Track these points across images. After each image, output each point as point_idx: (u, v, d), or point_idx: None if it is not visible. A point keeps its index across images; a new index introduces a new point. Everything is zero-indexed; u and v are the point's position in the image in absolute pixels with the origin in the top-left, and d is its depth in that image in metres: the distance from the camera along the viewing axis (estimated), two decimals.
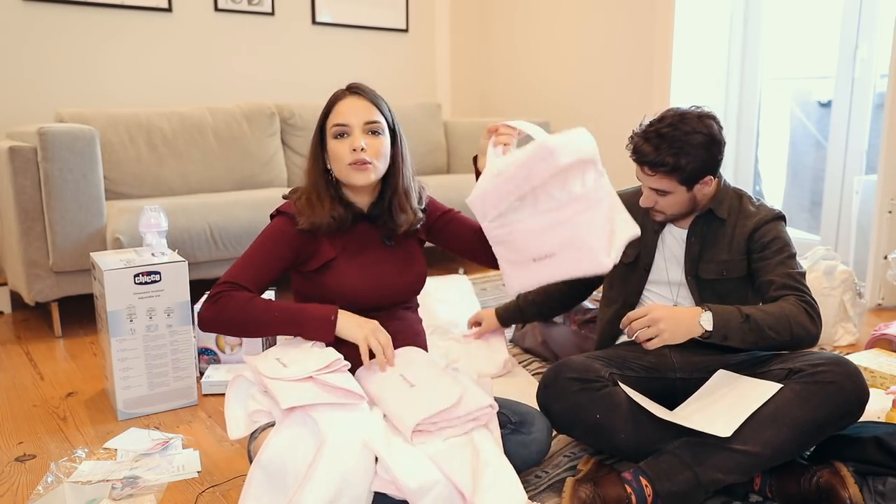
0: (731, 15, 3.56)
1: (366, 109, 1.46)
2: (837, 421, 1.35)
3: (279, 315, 1.41)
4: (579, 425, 1.46)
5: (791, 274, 1.52)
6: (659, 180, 1.53)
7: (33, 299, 2.45)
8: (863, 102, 3.14)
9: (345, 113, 1.46)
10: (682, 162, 1.49)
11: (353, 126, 1.45)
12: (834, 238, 3.29)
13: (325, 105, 1.50)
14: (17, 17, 3.03)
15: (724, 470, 1.32)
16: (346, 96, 1.48)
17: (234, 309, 1.39)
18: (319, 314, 1.42)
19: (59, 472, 1.54)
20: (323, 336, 1.42)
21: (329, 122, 1.48)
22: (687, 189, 1.54)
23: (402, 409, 1.31)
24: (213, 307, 1.41)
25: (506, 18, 4.39)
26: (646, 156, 1.52)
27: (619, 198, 1.40)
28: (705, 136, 1.50)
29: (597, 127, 3.97)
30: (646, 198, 1.59)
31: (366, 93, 1.49)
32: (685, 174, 1.50)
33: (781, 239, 1.56)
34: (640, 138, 1.54)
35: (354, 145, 1.43)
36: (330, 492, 1.17)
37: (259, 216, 2.72)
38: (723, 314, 1.44)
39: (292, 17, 3.80)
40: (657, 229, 1.65)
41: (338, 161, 1.46)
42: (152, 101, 3.38)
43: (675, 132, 1.49)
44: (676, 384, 1.57)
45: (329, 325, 1.41)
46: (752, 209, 1.60)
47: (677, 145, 1.48)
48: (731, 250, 1.58)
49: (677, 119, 1.51)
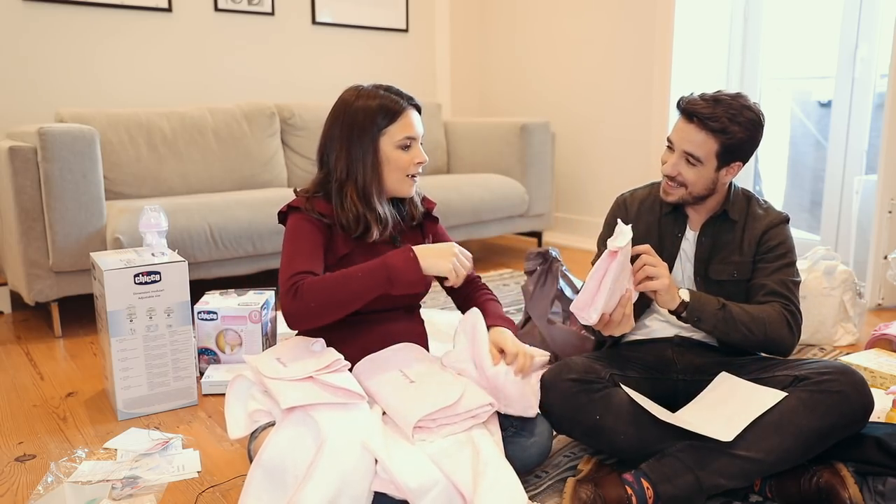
0: (731, 15, 3.56)
1: (421, 125, 1.53)
2: (841, 430, 1.34)
3: (362, 277, 1.38)
4: (579, 426, 1.46)
5: (784, 282, 1.55)
6: (701, 141, 1.51)
7: (33, 299, 2.45)
8: (863, 102, 3.14)
9: (413, 126, 1.50)
10: (732, 128, 1.49)
11: (418, 139, 1.51)
12: (834, 238, 3.29)
13: (383, 110, 1.47)
14: (17, 17, 3.03)
15: (726, 475, 1.32)
16: (410, 109, 1.51)
17: (317, 292, 1.37)
18: (400, 262, 1.38)
19: (59, 472, 1.54)
20: (414, 282, 1.39)
21: (397, 132, 1.48)
22: (717, 165, 1.53)
23: (403, 405, 1.31)
24: (296, 301, 1.37)
25: (506, 18, 4.39)
26: (701, 109, 1.50)
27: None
28: (756, 117, 1.52)
29: (596, 127, 3.98)
30: (671, 165, 1.56)
31: (421, 109, 1.55)
32: (728, 142, 1.50)
33: (786, 245, 1.58)
34: (694, 96, 1.54)
35: (420, 159, 1.50)
36: (330, 491, 1.17)
37: (259, 216, 2.72)
38: (702, 297, 1.50)
39: (292, 17, 3.80)
40: (679, 234, 1.64)
41: (398, 170, 1.50)
42: (152, 101, 3.38)
43: (732, 101, 1.51)
44: (678, 386, 1.57)
45: (415, 265, 1.38)
46: (761, 211, 1.62)
47: (732, 112, 1.49)
48: (742, 252, 1.59)
49: (735, 93, 1.54)
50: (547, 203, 3.82)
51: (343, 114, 1.49)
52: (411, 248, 1.40)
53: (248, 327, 2.11)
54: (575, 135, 4.07)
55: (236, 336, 2.11)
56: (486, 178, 3.58)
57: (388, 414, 1.33)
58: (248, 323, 2.10)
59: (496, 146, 3.80)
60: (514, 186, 3.62)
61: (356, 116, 1.48)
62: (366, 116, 1.47)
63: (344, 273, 1.39)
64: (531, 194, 3.71)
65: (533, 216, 3.79)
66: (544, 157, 3.77)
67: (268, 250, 2.78)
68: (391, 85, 1.54)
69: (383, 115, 1.47)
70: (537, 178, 3.74)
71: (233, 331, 2.11)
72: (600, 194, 4.00)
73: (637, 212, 1.68)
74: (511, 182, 3.63)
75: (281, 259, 1.46)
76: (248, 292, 2.25)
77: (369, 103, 1.48)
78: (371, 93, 1.50)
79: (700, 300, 1.49)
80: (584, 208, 4.13)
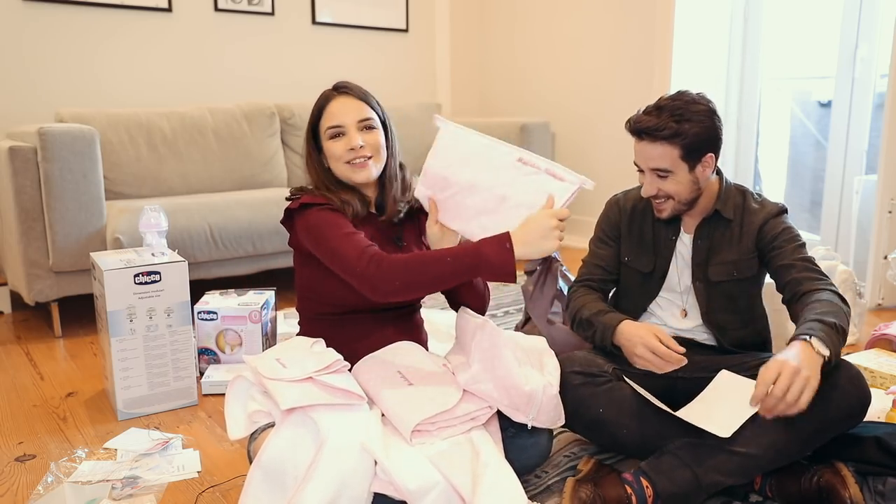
0: (731, 15, 3.56)
1: (357, 107, 1.48)
2: (839, 424, 1.34)
3: (451, 261, 1.31)
4: (581, 420, 1.46)
5: (808, 258, 1.51)
6: (660, 154, 1.48)
7: (33, 299, 2.45)
8: (863, 102, 3.14)
9: (337, 114, 1.47)
10: (684, 127, 1.45)
11: (348, 125, 1.47)
12: (834, 238, 3.29)
13: (315, 108, 1.51)
14: (17, 17, 3.03)
15: (724, 472, 1.32)
16: (334, 97, 1.50)
17: (402, 272, 1.31)
18: (494, 253, 1.30)
19: (59, 472, 1.54)
20: (505, 273, 1.30)
21: (323, 125, 1.49)
22: (689, 167, 1.49)
23: (402, 409, 1.31)
24: (381, 272, 1.31)
25: (506, 18, 4.39)
26: (646, 124, 1.48)
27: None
28: (706, 108, 1.48)
29: (596, 127, 3.98)
30: (647, 185, 1.54)
31: (353, 90, 1.51)
32: (687, 142, 1.46)
33: (790, 230, 1.55)
34: (639, 114, 1.52)
35: (352, 144, 1.45)
36: (329, 492, 1.17)
37: (259, 216, 2.72)
38: (823, 332, 1.29)
39: (292, 17, 3.80)
40: (672, 236, 1.62)
41: (336, 161, 1.48)
42: (152, 101, 3.38)
43: (675, 102, 1.48)
44: (677, 383, 1.57)
45: (508, 257, 1.30)
46: (756, 205, 1.58)
47: (678, 112, 1.46)
48: (739, 250, 1.56)
49: (675, 94, 1.51)
50: None
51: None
52: (509, 237, 1.32)
53: (248, 327, 2.11)
54: (575, 135, 4.07)
55: (236, 336, 2.11)
56: None
57: (387, 417, 1.33)
58: (248, 323, 2.10)
59: None
60: None
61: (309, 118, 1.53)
62: (310, 116, 1.52)
63: (432, 255, 1.34)
64: None
65: None
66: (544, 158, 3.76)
67: (268, 250, 2.78)
68: (346, 80, 1.54)
69: (315, 111, 1.51)
70: None
71: (233, 331, 2.11)
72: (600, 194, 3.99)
73: (630, 214, 1.67)
74: None
75: (330, 246, 1.38)
76: (248, 292, 2.25)
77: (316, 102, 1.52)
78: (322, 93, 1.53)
79: (828, 337, 1.29)
80: (583, 208, 4.13)
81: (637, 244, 1.65)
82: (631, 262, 1.66)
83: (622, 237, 1.68)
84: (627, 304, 1.68)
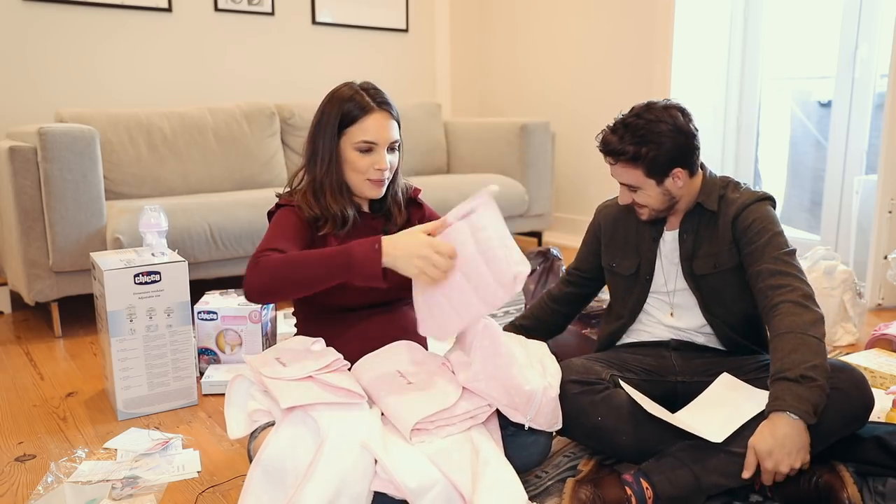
0: (731, 15, 3.56)
1: (392, 129, 1.48)
2: (842, 428, 1.34)
3: (323, 261, 1.30)
4: (581, 428, 1.45)
5: (777, 258, 1.44)
6: (625, 172, 1.50)
7: (33, 299, 2.45)
8: (863, 102, 3.14)
9: (374, 130, 1.45)
10: (642, 150, 1.45)
11: (380, 145, 1.46)
12: (834, 238, 3.29)
13: (346, 109, 1.46)
14: (17, 17, 3.03)
15: (724, 473, 1.32)
16: (374, 111, 1.46)
17: (275, 268, 1.31)
18: (361, 253, 1.28)
19: (59, 472, 1.54)
20: (371, 276, 1.28)
21: (355, 134, 1.46)
22: (657, 183, 1.49)
23: (401, 408, 1.31)
24: (252, 273, 1.33)
25: (506, 18, 4.39)
26: (608, 144, 1.50)
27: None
28: (669, 126, 1.46)
29: (596, 127, 3.97)
30: (621, 196, 1.57)
31: (392, 110, 1.49)
32: (648, 164, 1.46)
33: (764, 218, 1.49)
34: (608, 129, 1.53)
35: (381, 164, 1.46)
36: (330, 491, 1.17)
37: (259, 216, 2.72)
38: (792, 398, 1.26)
39: (292, 17, 3.80)
40: (655, 237, 1.61)
41: (357, 173, 1.48)
42: (152, 101, 3.38)
43: (638, 121, 1.47)
44: (677, 388, 1.57)
45: (375, 258, 1.27)
46: (736, 195, 1.55)
47: (640, 133, 1.46)
48: (720, 241, 1.54)
49: (643, 109, 1.49)
50: (547, 203, 3.82)
51: (321, 106, 1.50)
52: (380, 238, 1.29)
53: (248, 327, 2.11)
54: (575, 135, 4.07)
55: (236, 336, 2.12)
56: (486, 179, 3.58)
57: (387, 416, 1.33)
58: (248, 323, 2.11)
59: (496, 146, 3.80)
60: (513, 186, 3.62)
61: (325, 111, 1.48)
62: (332, 113, 1.47)
63: (307, 253, 1.33)
64: (531, 194, 3.71)
65: (533, 216, 3.79)
66: (544, 158, 3.77)
67: None
68: (378, 87, 1.50)
69: (346, 113, 1.46)
70: (537, 178, 3.74)
71: (233, 331, 2.11)
72: (600, 194, 3.99)
73: (614, 218, 1.69)
74: (511, 182, 3.63)
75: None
76: None
77: (341, 100, 1.47)
78: (347, 90, 1.48)
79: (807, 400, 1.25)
80: (583, 208, 4.13)
81: (621, 247, 1.66)
82: (616, 267, 1.67)
83: (604, 245, 1.70)
84: (621, 308, 1.68)
